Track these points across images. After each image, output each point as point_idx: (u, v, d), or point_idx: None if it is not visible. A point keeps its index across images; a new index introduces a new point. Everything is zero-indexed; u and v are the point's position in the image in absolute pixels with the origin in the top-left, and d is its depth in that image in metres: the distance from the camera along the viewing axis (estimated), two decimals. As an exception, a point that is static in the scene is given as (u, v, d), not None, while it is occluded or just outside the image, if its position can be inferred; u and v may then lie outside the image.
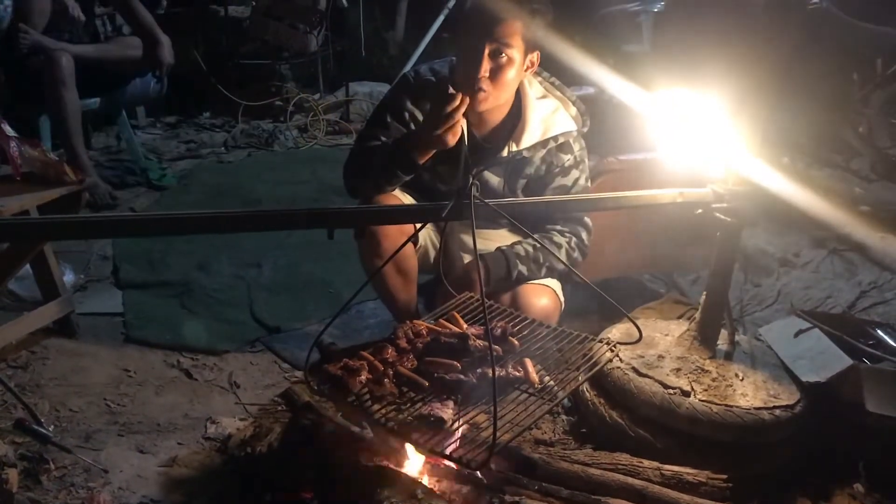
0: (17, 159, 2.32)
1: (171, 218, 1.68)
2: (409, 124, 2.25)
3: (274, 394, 2.39)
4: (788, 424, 1.98)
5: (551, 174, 2.31)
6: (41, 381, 2.41)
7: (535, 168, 2.31)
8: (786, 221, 3.65)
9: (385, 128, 2.25)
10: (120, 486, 1.97)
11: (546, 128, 2.27)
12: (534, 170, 2.31)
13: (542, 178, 2.32)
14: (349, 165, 2.29)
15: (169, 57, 3.98)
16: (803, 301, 3.07)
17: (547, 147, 2.28)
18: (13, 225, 1.83)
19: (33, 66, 3.63)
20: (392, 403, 1.75)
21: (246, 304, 2.99)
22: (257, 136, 5.21)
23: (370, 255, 2.23)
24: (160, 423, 2.26)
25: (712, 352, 2.16)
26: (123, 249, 3.37)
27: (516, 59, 2.09)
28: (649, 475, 1.89)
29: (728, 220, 2.02)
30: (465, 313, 2.12)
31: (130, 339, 2.71)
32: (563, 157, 2.31)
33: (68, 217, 2.21)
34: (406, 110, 2.25)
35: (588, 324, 2.40)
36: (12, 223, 1.91)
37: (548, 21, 2.14)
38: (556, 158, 2.30)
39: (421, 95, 2.25)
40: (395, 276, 2.31)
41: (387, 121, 2.25)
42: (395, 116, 2.26)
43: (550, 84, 2.34)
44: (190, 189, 4.31)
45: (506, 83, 2.12)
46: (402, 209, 1.92)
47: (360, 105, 5.72)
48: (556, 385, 1.88)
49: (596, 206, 2.22)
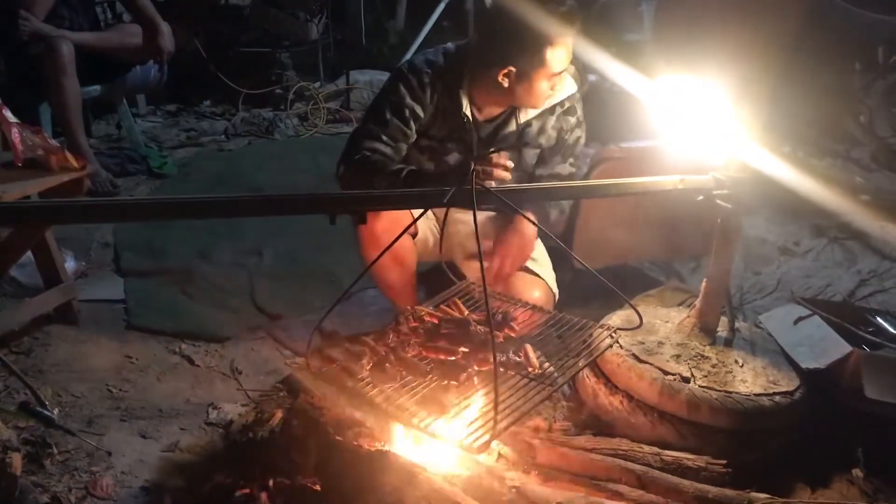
0: (19, 145, 2.32)
1: (173, 202, 1.68)
2: (409, 121, 2.23)
3: (275, 380, 2.40)
4: (788, 410, 1.99)
5: (562, 139, 2.37)
6: (43, 367, 2.42)
7: (547, 138, 2.36)
8: (786, 210, 3.66)
9: (384, 125, 2.23)
10: (122, 471, 1.98)
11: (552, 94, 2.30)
12: (545, 139, 2.36)
13: (553, 146, 2.37)
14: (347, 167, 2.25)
15: (169, 45, 3.96)
16: (803, 289, 3.08)
17: (555, 113, 2.33)
18: (15, 209, 1.83)
19: (34, 53, 3.62)
20: (393, 388, 1.76)
21: (247, 292, 3.00)
22: (257, 124, 5.20)
23: (367, 246, 2.24)
24: (162, 408, 2.27)
25: (712, 339, 2.17)
26: (124, 237, 3.37)
27: None
28: (649, 460, 1.90)
29: (729, 206, 2.02)
30: (466, 300, 2.14)
31: (132, 326, 2.72)
32: (570, 120, 2.36)
33: (70, 201, 2.20)
34: (406, 106, 2.23)
35: (588, 311, 2.40)
36: (14, 207, 1.91)
37: None
38: (565, 122, 2.36)
39: (419, 87, 2.24)
40: (393, 269, 2.32)
41: (386, 118, 2.23)
42: (394, 112, 2.23)
43: None
44: (190, 177, 4.30)
45: None
46: (404, 194, 1.92)
47: (361, 93, 5.70)
48: (557, 371, 1.89)
49: (598, 193, 2.23)
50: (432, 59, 2.28)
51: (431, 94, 2.25)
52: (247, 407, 2.27)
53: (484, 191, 1.74)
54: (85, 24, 3.94)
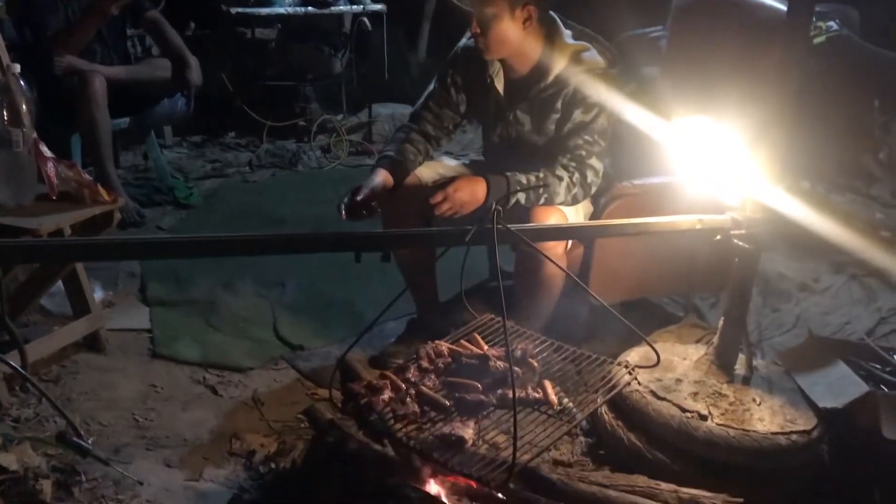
0: (54, 179, 2.39)
1: (201, 241, 1.74)
2: (450, 88, 2.57)
3: (297, 411, 2.44)
4: (805, 449, 2.00)
5: (574, 104, 2.42)
6: (72, 396, 2.47)
7: (561, 103, 2.43)
8: (805, 247, 3.66)
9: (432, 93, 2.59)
10: (148, 499, 2.02)
11: (574, 61, 2.41)
12: (560, 104, 2.43)
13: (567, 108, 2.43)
14: None
15: (197, 78, 4.05)
16: (822, 326, 3.07)
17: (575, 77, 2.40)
18: (48, 247, 1.90)
19: (67, 86, 3.72)
20: (414, 422, 1.80)
21: (270, 323, 3.05)
22: (281, 156, 5.28)
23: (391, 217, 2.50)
24: (186, 437, 2.32)
25: (730, 376, 2.19)
26: (150, 267, 3.44)
27: (502, 14, 2.32)
28: (666, 498, 1.91)
29: (747, 246, 2.05)
30: (486, 335, 2.17)
31: (157, 355, 2.78)
32: (588, 92, 2.41)
33: (101, 239, 2.28)
34: (448, 76, 2.58)
35: (607, 346, 2.43)
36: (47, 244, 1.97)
37: None
38: (582, 90, 2.41)
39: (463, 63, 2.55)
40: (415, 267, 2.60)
41: (435, 86, 2.60)
42: (439, 81, 2.60)
43: (582, 31, 2.50)
44: (215, 208, 4.38)
45: (498, 35, 2.36)
46: (426, 234, 1.99)
47: (383, 126, 5.78)
48: (575, 407, 1.92)
49: (615, 232, 2.27)
50: None
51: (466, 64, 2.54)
52: (269, 437, 2.31)
53: (505, 230, 1.78)
54: (116, 58, 4.05)
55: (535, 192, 2.33)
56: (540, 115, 2.47)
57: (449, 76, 2.57)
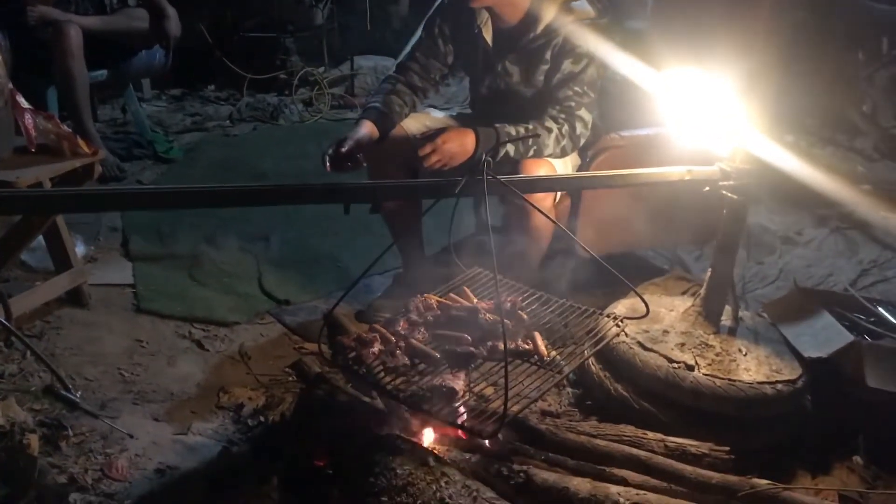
0: (32, 131, 2.34)
1: (188, 191, 1.70)
2: (437, 38, 2.53)
3: (284, 365, 2.44)
4: (790, 398, 2.03)
5: (563, 54, 2.40)
6: (56, 351, 2.45)
7: (551, 53, 2.41)
8: (789, 200, 3.68)
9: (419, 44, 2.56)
10: (136, 453, 2.01)
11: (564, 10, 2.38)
12: (550, 54, 2.41)
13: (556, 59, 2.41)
14: None
15: (176, 29, 3.96)
16: (805, 279, 3.10)
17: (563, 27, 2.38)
18: (27, 198, 1.85)
19: (41, 37, 3.63)
20: (404, 375, 1.79)
21: (255, 278, 3.02)
22: (262, 109, 5.21)
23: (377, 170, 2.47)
24: (173, 392, 2.31)
25: (716, 327, 2.21)
26: (132, 221, 3.40)
27: None
28: (653, 447, 1.94)
29: (735, 197, 2.05)
30: (474, 288, 2.17)
31: (142, 310, 2.75)
32: (577, 42, 2.39)
33: (82, 190, 2.23)
34: (436, 25, 2.54)
35: (593, 298, 2.44)
36: (26, 195, 1.93)
37: None
38: (572, 40, 2.39)
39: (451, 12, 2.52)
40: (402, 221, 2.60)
41: (421, 36, 2.57)
42: (426, 30, 2.56)
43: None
44: (196, 162, 4.33)
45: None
46: (416, 185, 1.96)
47: (365, 79, 5.71)
48: (563, 359, 1.92)
49: (603, 184, 2.25)
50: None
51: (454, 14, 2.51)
52: (256, 391, 2.30)
53: (494, 181, 1.76)
54: (91, 8, 3.94)
55: (524, 144, 2.31)
56: (529, 65, 2.43)
57: (436, 26, 2.53)
